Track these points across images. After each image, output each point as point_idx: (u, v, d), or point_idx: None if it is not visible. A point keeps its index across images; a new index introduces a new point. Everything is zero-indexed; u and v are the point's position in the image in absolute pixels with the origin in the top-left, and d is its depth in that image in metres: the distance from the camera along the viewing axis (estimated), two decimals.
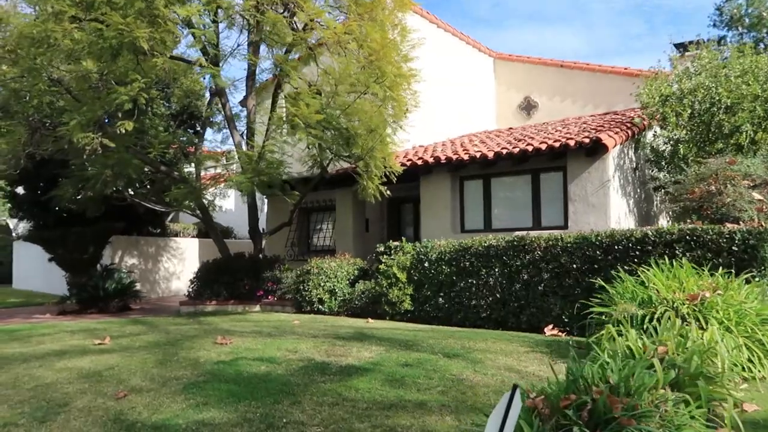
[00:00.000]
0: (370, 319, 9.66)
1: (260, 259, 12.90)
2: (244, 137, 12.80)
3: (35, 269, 21.34)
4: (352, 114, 9.29)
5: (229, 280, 12.45)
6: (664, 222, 12.10)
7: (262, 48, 12.31)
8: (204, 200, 13.63)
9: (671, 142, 9.85)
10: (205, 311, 12.25)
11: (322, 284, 11.24)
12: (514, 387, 2.14)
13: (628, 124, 10.70)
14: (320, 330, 8.24)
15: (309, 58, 10.34)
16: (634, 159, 10.93)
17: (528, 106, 19.39)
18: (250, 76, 12.84)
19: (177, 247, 19.98)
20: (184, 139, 18.43)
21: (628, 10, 51.39)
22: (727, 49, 11.15)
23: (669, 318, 5.18)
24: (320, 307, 11.21)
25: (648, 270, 6.47)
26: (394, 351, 6.50)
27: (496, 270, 8.85)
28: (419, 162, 11.68)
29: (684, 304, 5.46)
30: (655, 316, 5.37)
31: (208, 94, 16.26)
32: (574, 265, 8.06)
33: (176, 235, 20.36)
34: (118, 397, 4.98)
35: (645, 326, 5.30)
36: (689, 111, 9.41)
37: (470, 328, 8.74)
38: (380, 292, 10.18)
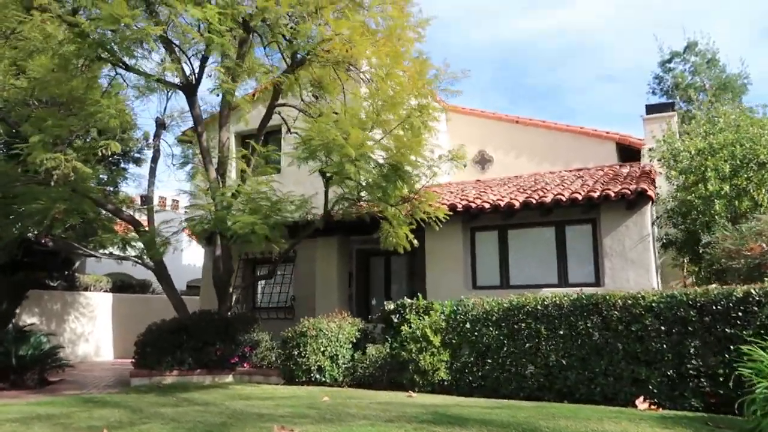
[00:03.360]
0: (412, 393, 8.08)
1: (233, 318, 10.81)
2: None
3: None
4: (400, 147, 7.97)
5: (196, 344, 10.23)
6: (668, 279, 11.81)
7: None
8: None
9: (702, 198, 9.55)
10: (166, 383, 9.91)
11: (322, 349, 9.49)
12: None
13: (651, 178, 10.36)
14: (373, 409, 6.58)
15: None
16: (653, 214, 10.57)
17: (482, 160, 19.03)
18: (227, 104, 11.08)
19: (87, 303, 16.87)
20: (104, 177, 15.86)
21: (491, 87, 54.63)
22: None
23: None
24: (319, 376, 9.44)
25: None
26: None
27: (560, 332, 7.77)
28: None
29: None
30: None
31: (152, 126, 14.11)
32: (662, 327, 7.18)
33: (86, 288, 17.22)
34: None
35: None
36: (727, 167, 9.20)
37: (527, 401, 7.52)
38: (407, 359, 8.67)
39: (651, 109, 14.86)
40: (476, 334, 8.33)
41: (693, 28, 44.54)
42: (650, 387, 7.13)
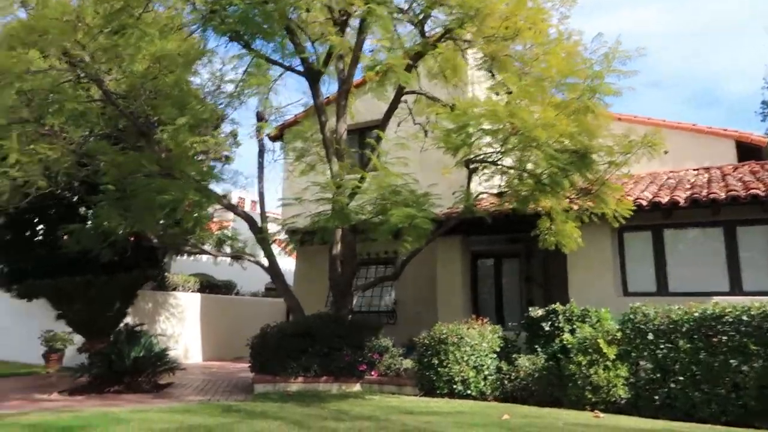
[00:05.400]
0: (599, 413, 7.09)
1: (358, 322, 10.03)
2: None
3: None
4: (584, 131, 7.03)
5: (322, 349, 9.47)
6: None
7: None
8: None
9: None
10: (292, 390, 9.19)
11: (465, 358, 8.59)
12: None
13: None
14: None
15: None
16: None
17: None
18: (345, 92, 10.32)
19: (177, 304, 16.35)
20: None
21: None
22: None
23: None
24: (462, 389, 8.53)
25: None
26: None
27: None
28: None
29: None
30: None
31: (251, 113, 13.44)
32: None
33: (175, 288, 16.76)
34: None
35: None
36: None
37: (741, 429, 6.43)
38: (573, 372, 7.68)
39: None
40: (663, 347, 7.28)
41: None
42: None
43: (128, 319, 13.69)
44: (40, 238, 13.17)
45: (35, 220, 12.62)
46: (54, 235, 12.70)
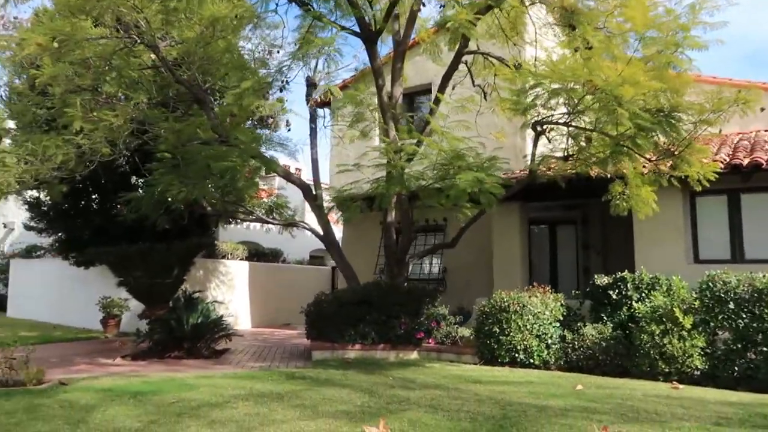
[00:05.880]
0: (677, 384, 6.81)
1: (416, 290, 9.89)
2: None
3: (35, 294, 17.42)
4: (671, 88, 6.58)
5: (379, 317, 9.38)
6: None
7: None
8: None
9: None
10: (349, 358, 9.14)
11: (528, 327, 8.38)
12: None
13: None
14: (665, 404, 5.39)
15: None
16: None
17: None
18: (401, 53, 9.99)
19: (226, 272, 16.53)
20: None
21: None
22: None
23: None
24: (524, 357, 8.34)
25: None
26: None
27: None
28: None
29: None
30: None
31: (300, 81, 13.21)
32: None
33: (224, 256, 16.92)
34: None
35: None
36: None
37: None
38: (645, 342, 7.39)
39: None
40: (743, 316, 6.92)
41: None
42: None
43: (183, 287, 13.92)
44: (95, 206, 13.39)
45: (90, 189, 12.80)
46: (108, 204, 12.88)
